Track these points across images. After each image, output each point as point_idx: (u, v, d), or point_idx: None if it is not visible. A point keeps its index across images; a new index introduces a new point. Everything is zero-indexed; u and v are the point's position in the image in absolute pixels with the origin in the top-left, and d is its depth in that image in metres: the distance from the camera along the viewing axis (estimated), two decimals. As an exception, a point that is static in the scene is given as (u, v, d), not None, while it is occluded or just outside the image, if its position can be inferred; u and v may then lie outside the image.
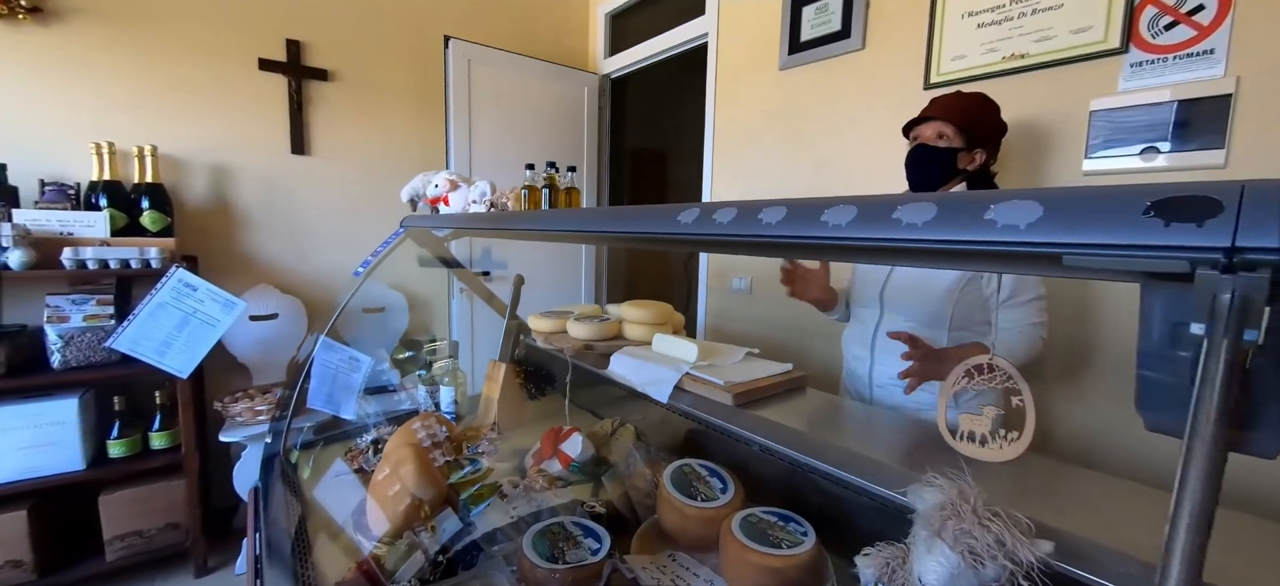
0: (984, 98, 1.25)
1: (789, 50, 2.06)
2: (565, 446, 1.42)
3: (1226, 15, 1.19)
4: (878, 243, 0.42)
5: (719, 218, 0.57)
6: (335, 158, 2.43)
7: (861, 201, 0.45)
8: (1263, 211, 0.27)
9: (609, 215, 0.75)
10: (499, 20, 2.79)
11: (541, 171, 1.08)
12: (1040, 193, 0.35)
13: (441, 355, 1.80)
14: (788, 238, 0.49)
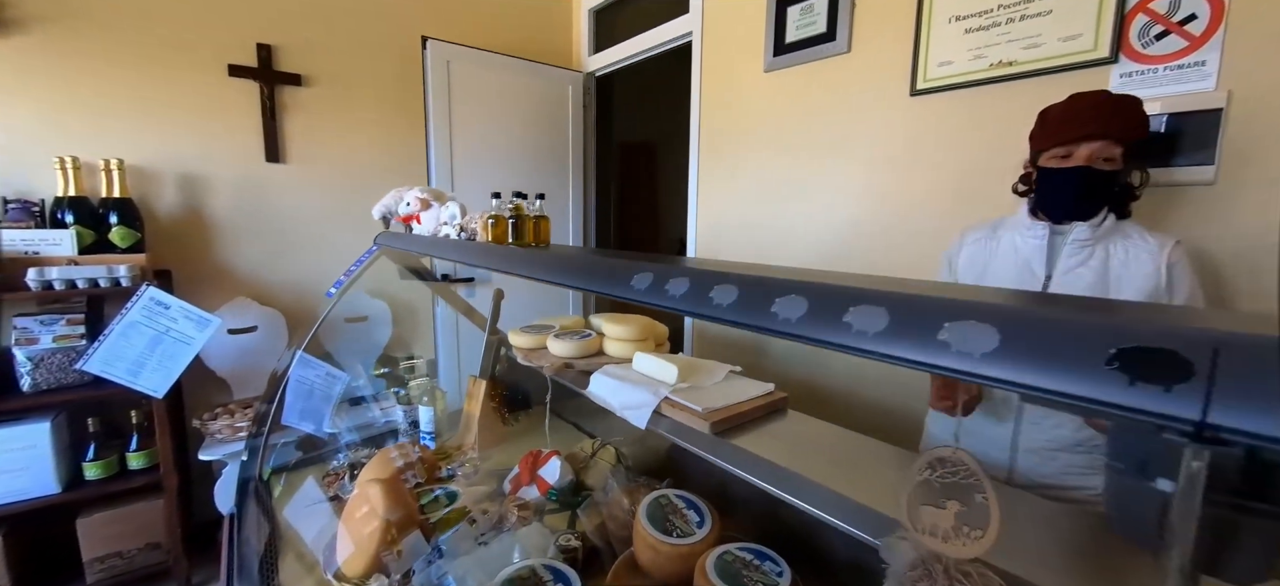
0: (1137, 103, 1.03)
1: (774, 52, 2.00)
2: (543, 472, 1.40)
3: (1218, 27, 1.14)
4: (825, 343, 0.39)
5: (671, 288, 0.53)
6: (312, 164, 2.37)
7: (817, 291, 0.42)
8: (1239, 381, 0.24)
9: (566, 268, 0.71)
10: (479, 20, 2.72)
11: (508, 201, 1.04)
12: (999, 313, 0.32)
13: (419, 373, 1.77)
14: (735, 321, 0.46)
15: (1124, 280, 1.01)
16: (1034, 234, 1.09)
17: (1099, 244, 1.04)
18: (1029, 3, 1.38)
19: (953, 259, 1.23)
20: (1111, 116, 1.00)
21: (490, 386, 1.68)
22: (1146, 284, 0.99)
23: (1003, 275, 1.12)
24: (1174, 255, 1.00)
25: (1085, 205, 1.04)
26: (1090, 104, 1.03)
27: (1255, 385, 0.23)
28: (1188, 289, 1.00)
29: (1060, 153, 1.04)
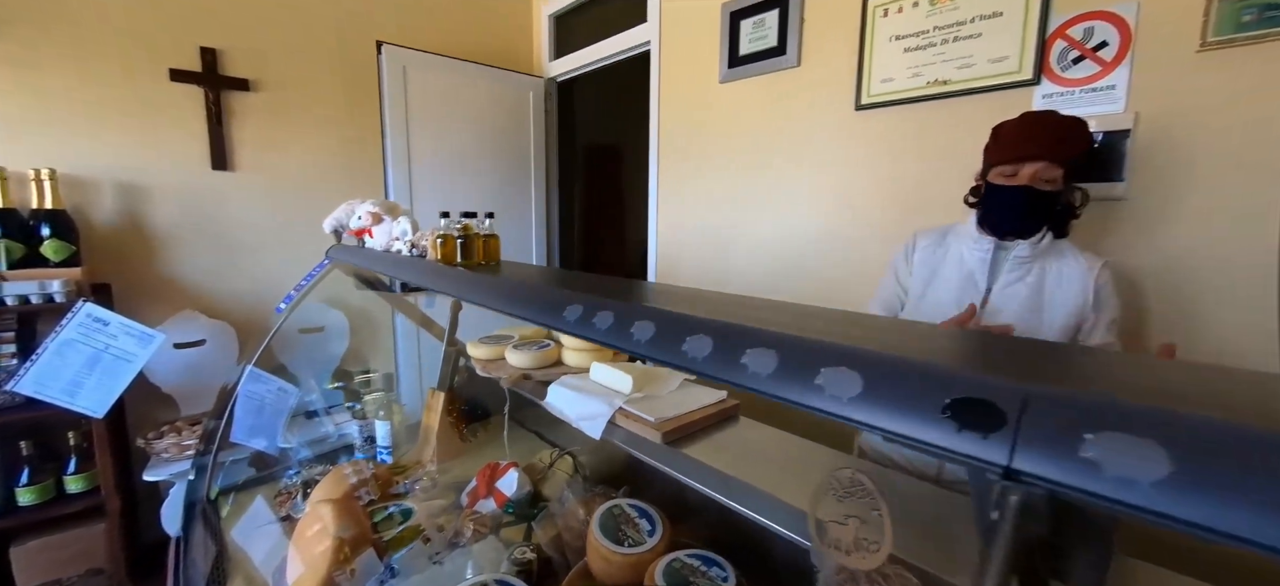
0: (1083, 126, 1.07)
1: (728, 63, 2.05)
2: (501, 484, 1.41)
3: (1126, 54, 1.24)
4: (726, 382, 0.42)
5: (598, 321, 0.56)
6: (262, 171, 2.31)
7: (721, 331, 0.45)
8: (1040, 433, 0.28)
9: (507, 295, 0.73)
10: (437, 25, 2.69)
11: (457, 220, 1.05)
12: (864, 360, 0.36)
13: (375, 387, 1.75)
14: (652, 356, 0.49)
15: (1057, 297, 1.08)
16: (980, 247, 1.14)
17: (1037, 261, 1.10)
18: (960, 26, 1.46)
19: (909, 255, 1.26)
20: (1054, 138, 1.04)
21: (449, 398, 1.68)
22: (1075, 303, 1.07)
23: (949, 283, 1.18)
24: (1102, 277, 1.07)
25: (1027, 223, 1.08)
26: (1037, 125, 1.07)
27: (1051, 436, 0.27)
28: (1112, 308, 1.07)
29: (1007, 170, 1.08)
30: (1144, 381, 0.33)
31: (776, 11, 1.87)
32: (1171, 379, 0.34)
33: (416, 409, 1.82)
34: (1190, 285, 1.21)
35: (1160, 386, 0.32)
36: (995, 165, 1.10)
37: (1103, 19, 1.26)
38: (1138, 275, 1.27)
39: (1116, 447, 0.25)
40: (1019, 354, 0.40)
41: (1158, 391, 0.30)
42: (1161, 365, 0.37)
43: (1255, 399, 0.30)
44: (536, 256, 3.08)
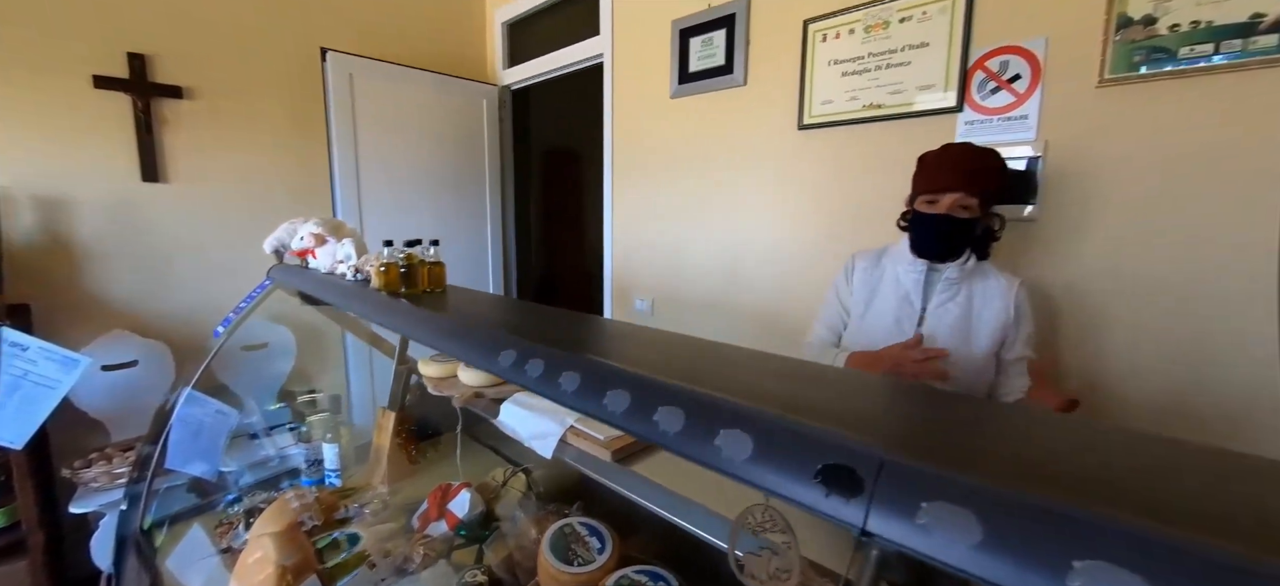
0: (997, 158, 1.15)
1: (679, 80, 2.09)
2: (452, 506, 1.41)
3: (1037, 86, 1.34)
4: (637, 434, 0.46)
5: (530, 369, 0.58)
6: (199, 183, 2.21)
7: (641, 387, 0.48)
8: (889, 499, 0.32)
9: (445, 334, 0.74)
10: (386, 31, 2.63)
11: (400, 249, 1.05)
12: (755, 423, 0.39)
13: (320, 408, 1.71)
14: (578, 407, 0.52)
15: (983, 316, 1.17)
16: (914, 270, 1.20)
17: (965, 283, 1.19)
18: (892, 54, 1.55)
19: (849, 277, 1.33)
20: (970, 170, 1.12)
21: (399, 418, 1.66)
22: (999, 320, 1.16)
23: (887, 303, 1.25)
24: (1020, 295, 1.17)
25: (948, 248, 1.16)
26: (954, 157, 1.15)
27: (897, 501, 0.31)
28: (1028, 323, 1.18)
29: (929, 199, 1.16)
30: (1004, 446, 0.38)
31: (724, 31, 1.92)
32: (1032, 442, 0.39)
33: (369, 428, 1.79)
34: (1093, 298, 1.32)
35: (1014, 450, 0.37)
36: (919, 194, 1.18)
37: (1016, 53, 1.36)
38: (1050, 291, 1.38)
39: (942, 516, 0.29)
40: (908, 409, 0.45)
41: (1003, 456, 0.35)
42: (1035, 423, 0.42)
43: (1093, 463, 0.35)
44: (493, 265, 3.06)
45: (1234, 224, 1.15)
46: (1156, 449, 0.36)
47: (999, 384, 1.19)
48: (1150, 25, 1.19)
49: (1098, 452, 0.37)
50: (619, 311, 2.53)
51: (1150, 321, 1.25)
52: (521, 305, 0.99)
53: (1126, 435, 0.37)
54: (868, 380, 0.54)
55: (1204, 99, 1.16)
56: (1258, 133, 1.11)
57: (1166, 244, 1.22)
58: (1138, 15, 1.20)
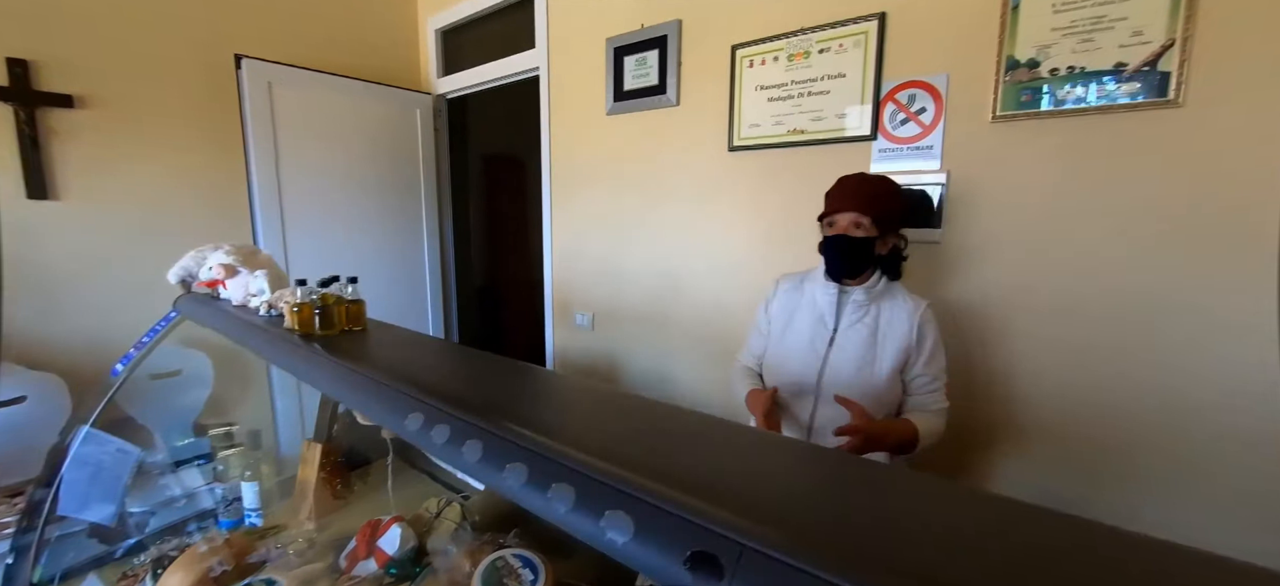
0: (889, 182, 1.25)
1: (614, 97, 2.11)
2: (382, 543, 1.37)
3: (940, 119, 1.44)
4: (539, 513, 0.47)
5: (435, 435, 0.58)
6: (97, 201, 2.04)
7: (536, 461, 0.49)
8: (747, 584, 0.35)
9: (351, 388, 0.73)
10: (310, 38, 2.50)
11: (314, 289, 1.01)
12: (635, 506, 0.42)
13: (236, 443, 1.62)
14: (483, 479, 0.52)
15: (888, 336, 1.24)
16: (828, 292, 1.28)
17: (873, 304, 1.25)
18: (813, 83, 1.62)
19: (770, 301, 1.39)
20: (861, 193, 1.21)
21: (326, 450, 1.59)
22: (902, 342, 1.23)
23: (804, 324, 1.31)
24: (924, 316, 1.24)
25: (848, 266, 1.23)
26: (848, 183, 1.24)
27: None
28: (931, 343, 1.24)
29: (828, 222, 1.25)
30: (872, 518, 0.42)
31: (657, 52, 1.95)
32: (881, 516, 0.43)
33: (298, 460, 1.71)
34: (995, 313, 1.44)
35: (873, 519, 0.41)
36: (823, 219, 1.26)
37: (922, 88, 1.46)
38: (955, 307, 1.49)
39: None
40: (778, 490, 0.48)
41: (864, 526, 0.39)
42: (892, 493, 0.46)
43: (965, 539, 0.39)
44: (430, 278, 2.98)
45: (1110, 248, 1.28)
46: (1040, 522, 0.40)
47: (905, 404, 1.27)
48: (1034, 68, 1.31)
49: (972, 530, 0.41)
50: (560, 326, 2.53)
51: (1046, 332, 1.38)
52: (441, 349, 0.98)
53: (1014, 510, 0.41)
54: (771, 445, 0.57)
55: (1081, 136, 1.28)
56: (1126, 168, 1.24)
57: (1054, 263, 1.35)
58: (1023, 59, 1.32)
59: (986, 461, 1.49)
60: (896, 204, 1.24)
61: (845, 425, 1.10)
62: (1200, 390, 1.21)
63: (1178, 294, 1.21)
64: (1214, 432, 1.20)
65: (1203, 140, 1.16)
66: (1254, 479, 1.17)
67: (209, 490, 1.56)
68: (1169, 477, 1.26)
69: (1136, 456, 1.29)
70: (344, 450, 1.68)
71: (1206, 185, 1.17)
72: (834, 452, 0.54)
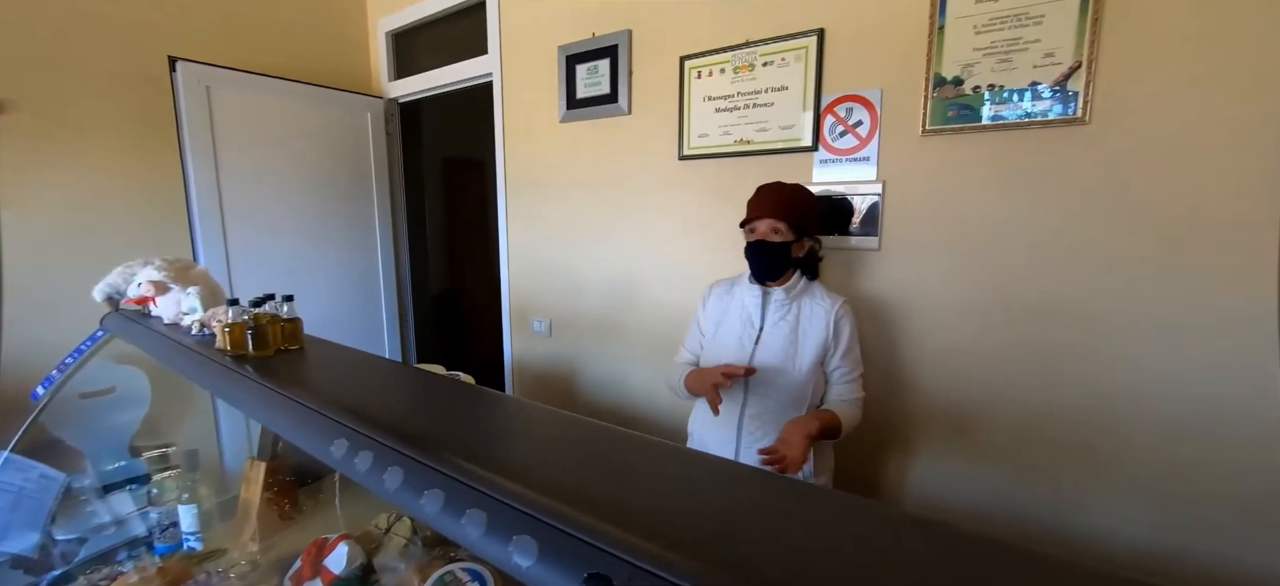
0: (804, 191, 1.35)
1: (567, 105, 2.12)
2: (329, 562, 1.34)
3: (876, 132, 1.51)
4: (455, 539, 0.48)
5: (359, 462, 0.59)
6: (20, 212, 1.92)
7: (452, 487, 0.51)
8: (635, 603, 0.37)
9: (277, 414, 0.72)
10: (252, 41, 2.42)
11: (245, 309, 0.99)
12: (538, 530, 0.44)
13: (173, 464, 1.56)
14: (402, 504, 0.53)
15: (808, 333, 1.32)
16: (753, 294, 1.37)
17: (794, 303, 1.35)
18: (758, 95, 1.67)
19: (705, 304, 1.48)
20: (778, 201, 1.31)
21: (271, 468, 1.55)
22: (820, 337, 1.31)
23: (734, 323, 1.40)
24: (841, 312, 1.33)
25: (767, 268, 1.32)
26: (766, 191, 1.34)
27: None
28: (847, 337, 1.33)
29: (750, 228, 1.34)
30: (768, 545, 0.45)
31: (608, 61, 1.97)
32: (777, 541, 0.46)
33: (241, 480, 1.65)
34: (927, 313, 1.51)
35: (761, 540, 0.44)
36: (744, 225, 1.35)
37: (858, 102, 1.53)
38: (889, 306, 1.56)
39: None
40: (676, 506, 0.51)
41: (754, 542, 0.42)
42: (793, 513, 0.49)
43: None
44: (385, 285, 2.92)
45: (1031, 254, 1.36)
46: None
47: (829, 393, 1.36)
48: (959, 85, 1.38)
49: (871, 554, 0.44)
50: (517, 333, 2.52)
51: (974, 331, 1.45)
52: (375, 367, 0.97)
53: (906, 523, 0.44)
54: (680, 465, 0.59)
55: (1002, 149, 1.36)
56: (1043, 180, 1.33)
57: (981, 268, 1.43)
58: (949, 76, 1.39)
59: (916, 453, 1.57)
60: (811, 210, 1.34)
61: (767, 449, 1.18)
62: (1110, 385, 1.30)
63: (1090, 298, 1.31)
64: (1123, 424, 1.30)
65: (1106, 155, 1.25)
66: (1157, 466, 1.27)
67: (143, 515, 1.49)
68: (1082, 466, 1.36)
69: (1053, 448, 1.38)
70: (293, 468, 1.64)
71: (1111, 197, 1.26)
72: (739, 469, 0.57)
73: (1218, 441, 1.21)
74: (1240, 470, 1.19)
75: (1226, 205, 1.15)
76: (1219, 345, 1.18)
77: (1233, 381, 1.18)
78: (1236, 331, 1.16)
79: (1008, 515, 1.45)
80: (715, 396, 1.22)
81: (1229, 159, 1.14)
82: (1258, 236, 1.12)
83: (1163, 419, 1.25)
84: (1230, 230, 1.15)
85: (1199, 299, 1.19)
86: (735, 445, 1.37)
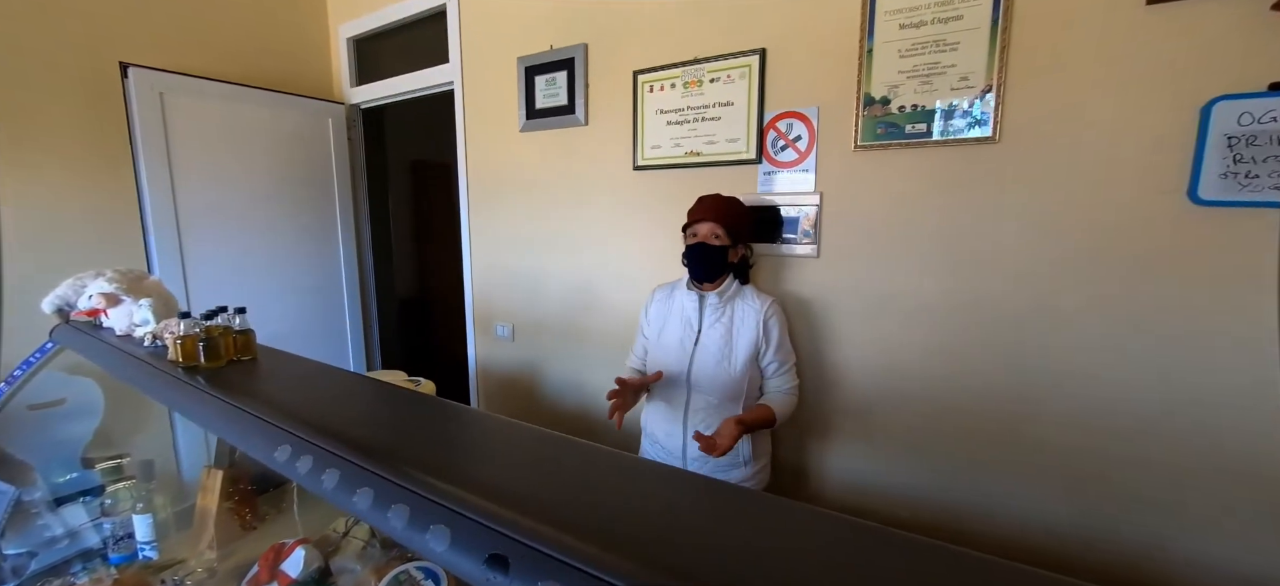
0: (739, 202, 1.48)
1: (527, 115, 2.17)
2: (285, 566, 1.37)
3: (813, 147, 1.61)
4: (383, 530, 0.54)
5: (299, 466, 0.64)
6: (-40, 220, 1.89)
7: (378, 484, 0.57)
8: (523, 576, 0.44)
9: (227, 421, 0.77)
10: (210, 45, 2.40)
11: (198, 321, 1.02)
12: (452, 519, 0.50)
13: (128, 474, 1.56)
14: (340, 503, 0.59)
15: (740, 333, 1.43)
16: (691, 298, 1.49)
17: (728, 305, 1.46)
18: (706, 110, 1.76)
19: (647, 309, 1.60)
20: (716, 209, 1.43)
21: (230, 477, 1.57)
22: (751, 336, 1.42)
23: (674, 326, 1.50)
24: (770, 312, 1.44)
25: (705, 269, 1.43)
26: (707, 199, 1.47)
27: (527, 577, 0.43)
28: (778, 334, 1.44)
29: (691, 232, 1.45)
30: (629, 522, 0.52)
31: (565, 73, 2.03)
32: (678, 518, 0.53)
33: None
34: (864, 314, 1.61)
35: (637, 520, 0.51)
36: (686, 228, 1.47)
37: (798, 118, 1.62)
38: (827, 307, 1.66)
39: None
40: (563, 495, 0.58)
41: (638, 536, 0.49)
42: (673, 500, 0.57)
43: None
44: (348, 292, 2.92)
45: (950, 260, 1.48)
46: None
47: (766, 386, 1.47)
48: (886, 105, 1.49)
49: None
50: (481, 337, 2.56)
51: (901, 331, 1.56)
52: (323, 376, 1.02)
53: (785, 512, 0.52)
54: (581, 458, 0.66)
55: (926, 164, 1.47)
56: (962, 192, 1.44)
57: (909, 274, 1.53)
58: (878, 96, 1.50)
59: (845, 442, 1.67)
60: (745, 219, 1.48)
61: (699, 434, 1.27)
62: (1023, 380, 1.42)
63: (1005, 300, 1.42)
64: (1031, 415, 1.42)
65: (1015, 170, 1.37)
66: (1067, 455, 1.40)
67: (97, 526, 1.49)
68: (999, 454, 1.48)
69: (973, 438, 1.50)
70: (252, 476, 1.65)
71: (1020, 207, 1.38)
72: (634, 462, 0.64)
73: (1114, 435, 1.34)
74: (1143, 460, 1.32)
75: (1123, 213, 1.27)
76: (1119, 343, 1.31)
77: (1133, 377, 1.30)
78: (1137, 330, 1.29)
79: (931, 499, 1.57)
80: (614, 413, 1.32)
81: (1124, 172, 1.26)
82: (1153, 242, 1.25)
83: (1070, 410, 1.38)
84: (1128, 237, 1.27)
85: (1104, 299, 1.32)
86: (682, 438, 1.46)
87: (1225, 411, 1.22)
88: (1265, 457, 1.19)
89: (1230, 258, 1.18)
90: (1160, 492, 1.30)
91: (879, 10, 1.47)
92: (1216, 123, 1.15)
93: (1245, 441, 1.21)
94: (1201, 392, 1.24)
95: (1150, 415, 1.29)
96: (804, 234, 1.65)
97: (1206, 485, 1.26)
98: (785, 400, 1.44)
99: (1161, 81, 1.21)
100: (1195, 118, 1.18)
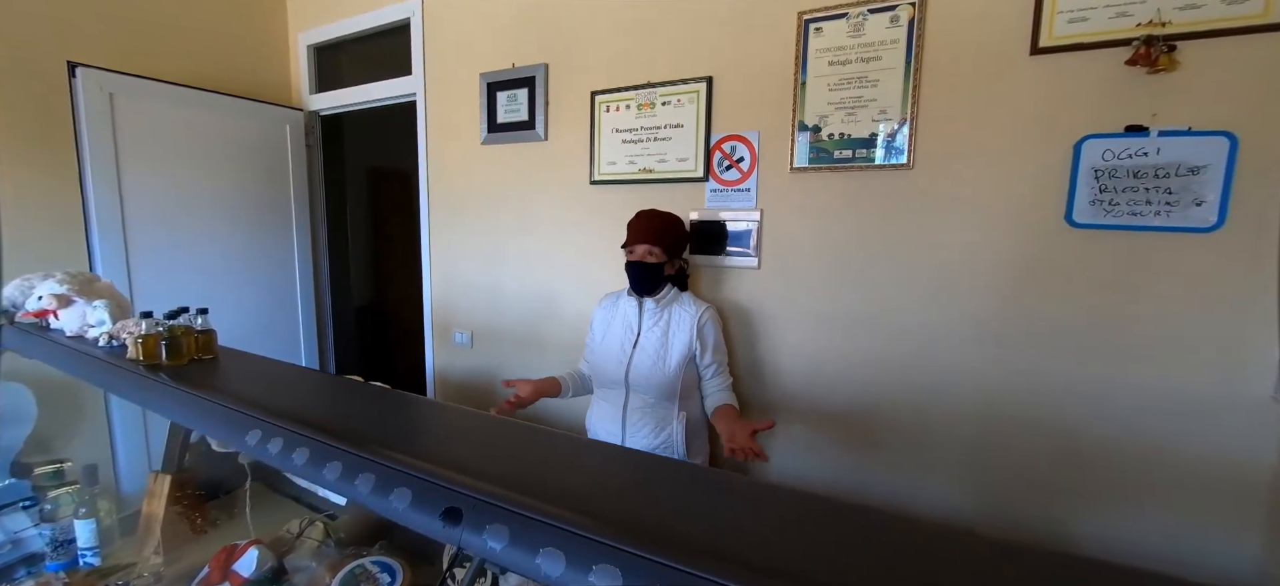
0: (675, 218, 1.60)
1: (488, 129, 2.25)
2: (237, 566, 1.39)
3: (754, 167, 1.75)
4: (348, 495, 0.62)
5: (271, 446, 0.71)
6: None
7: (347, 450, 0.64)
8: (473, 527, 0.53)
9: (198, 412, 0.82)
10: (164, 48, 2.38)
11: (159, 321, 1.05)
12: (416, 482, 0.58)
13: (70, 479, 1.53)
14: (307, 476, 0.66)
15: (675, 337, 1.55)
16: (632, 304, 1.61)
17: (665, 310, 1.58)
18: (658, 130, 1.89)
19: (594, 316, 1.72)
20: (652, 228, 1.55)
21: (179, 482, 1.56)
22: (686, 339, 1.54)
23: (616, 330, 1.62)
24: (704, 317, 1.56)
25: (644, 284, 1.56)
26: (643, 217, 1.58)
27: (478, 527, 0.52)
28: (712, 337, 1.56)
29: (629, 250, 1.57)
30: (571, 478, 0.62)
31: (526, 90, 2.13)
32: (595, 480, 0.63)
33: (141, 495, 1.63)
34: (802, 324, 1.75)
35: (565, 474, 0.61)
36: (624, 247, 1.59)
37: (740, 141, 1.77)
38: (765, 315, 1.80)
39: (492, 531, 0.50)
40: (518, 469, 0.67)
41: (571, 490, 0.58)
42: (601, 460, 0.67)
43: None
44: (303, 299, 2.89)
45: (873, 275, 1.64)
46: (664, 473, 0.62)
47: (706, 386, 1.59)
48: (817, 132, 1.65)
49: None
50: (440, 345, 2.59)
51: (829, 336, 1.71)
52: (284, 372, 1.07)
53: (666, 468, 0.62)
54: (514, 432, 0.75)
55: (852, 187, 1.64)
56: (884, 213, 1.61)
57: (838, 286, 1.69)
58: (810, 123, 1.66)
59: (777, 435, 1.81)
60: (680, 236, 1.61)
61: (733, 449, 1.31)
62: (932, 383, 1.59)
63: (920, 310, 1.59)
64: (940, 412, 1.59)
65: (925, 195, 1.55)
66: (969, 448, 1.57)
67: (37, 533, 1.46)
68: (911, 447, 1.64)
69: (890, 431, 1.66)
70: (201, 481, 1.65)
71: (931, 227, 1.55)
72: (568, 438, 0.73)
73: (1011, 433, 1.52)
74: (1040, 451, 1.50)
75: (1013, 233, 1.46)
76: (1014, 345, 1.49)
77: (1030, 383, 1.49)
78: (1028, 334, 1.47)
79: (851, 491, 1.72)
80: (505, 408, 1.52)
81: (1014, 198, 1.45)
82: (1037, 258, 1.44)
83: (974, 408, 1.55)
84: (1017, 253, 1.46)
85: (997, 306, 1.50)
86: (620, 434, 1.58)
87: (1084, 401, 1.42)
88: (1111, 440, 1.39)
89: (1099, 271, 1.38)
90: (1046, 474, 1.48)
91: (811, 47, 1.63)
92: (1086, 157, 1.35)
93: (1096, 426, 1.41)
94: (1074, 383, 1.43)
95: (1033, 404, 1.48)
96: (747, 247, 1.79)
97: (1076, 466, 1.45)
98: (732, 395, 1.58)
99: (1043, 120, 1.40)
100: (1070, 153, 1.38)
